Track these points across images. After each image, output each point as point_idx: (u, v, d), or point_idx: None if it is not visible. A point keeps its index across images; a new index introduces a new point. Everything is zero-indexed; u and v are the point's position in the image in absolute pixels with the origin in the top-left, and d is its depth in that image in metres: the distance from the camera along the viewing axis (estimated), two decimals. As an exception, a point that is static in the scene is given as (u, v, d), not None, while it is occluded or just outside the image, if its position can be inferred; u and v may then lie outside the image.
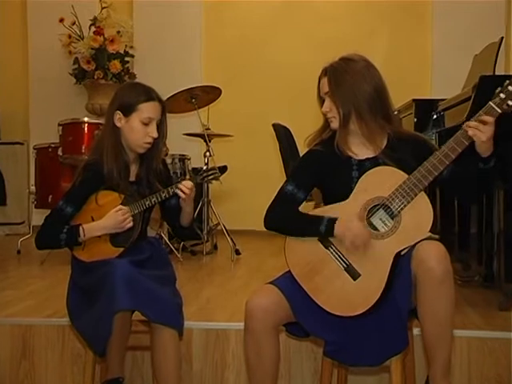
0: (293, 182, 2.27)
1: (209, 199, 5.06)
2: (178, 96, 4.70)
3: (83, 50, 5.88)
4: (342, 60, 2.25)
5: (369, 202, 2.15)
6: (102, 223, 2.46)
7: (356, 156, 2.26)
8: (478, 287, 3.55)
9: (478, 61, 4.15)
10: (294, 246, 2.22)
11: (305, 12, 6.36)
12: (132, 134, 2.48)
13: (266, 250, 5.06)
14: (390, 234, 2.12)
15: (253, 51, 6.41)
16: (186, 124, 5.37)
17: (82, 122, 4.67)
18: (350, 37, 6.06)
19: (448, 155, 2.08)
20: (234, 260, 4.73)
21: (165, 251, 2.76)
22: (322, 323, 2.15)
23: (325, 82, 2.24)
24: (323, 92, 2.25)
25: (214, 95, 5.00)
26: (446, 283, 2.01)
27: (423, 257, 2.01)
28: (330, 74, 2.23)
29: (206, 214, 5.04)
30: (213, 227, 5.12)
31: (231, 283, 3.88)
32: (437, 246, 2.04)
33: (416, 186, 2.09)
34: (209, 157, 4.97)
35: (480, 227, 3.79)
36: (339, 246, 2.15)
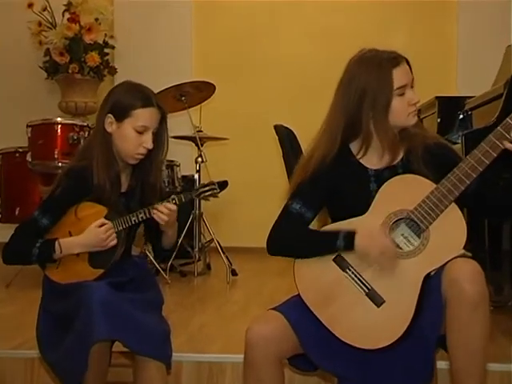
0: (300, 200, 2.25)
1: (201, 212, 5.04)
2: (166, 93, 4.68)
3: (56, 40, 5.86)
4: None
5: (391, 216, 2.13)
6: (81, 239, 2.43)
7: (373, 166, 2.24)
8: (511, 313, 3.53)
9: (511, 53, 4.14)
10: (305, 269, 2.19)
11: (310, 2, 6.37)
12: (123, 142, 2.46)
13: (268, 271, 5.03)
14: (416, 253, 2.10)
15: (250, 44, 6.43)
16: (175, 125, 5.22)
17: (55, 122, 4.65)
18: (362, 28, 6.08)
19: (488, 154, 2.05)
20: (229, 282, 4.71)
21: (150, 272, 2.75)
22: (335, 356, 2.14)
23: (408, 68, 2.22)
24: (411, 79, 2.21)
25: (206, 92, 5.00)
26: (481, 308, 2.00)
27: (455, 276, 2.00)
28: (409, 63, 2.23)
29: (198, 230, 5.02)
30: (205, 244, 5.10)
31: (227, 309, 3.86)
32: (471, 265, 2.02)
33: (446, 196, 2.07)
34: (201, 163, 4.96)
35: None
36: (359, 267, 2.13)
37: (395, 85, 2.15)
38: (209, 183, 2.55)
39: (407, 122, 2.21)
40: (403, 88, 2.17)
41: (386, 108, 2.16)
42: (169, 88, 4.72)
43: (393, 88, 2.15)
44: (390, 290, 2.09)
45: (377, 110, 2.16)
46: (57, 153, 4.55)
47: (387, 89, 2.15)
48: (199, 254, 5.02)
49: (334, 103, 2.25)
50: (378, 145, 2.22)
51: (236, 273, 4.89)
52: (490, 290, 3.70)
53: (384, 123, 2.18)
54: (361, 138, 2.24)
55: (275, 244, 2.25)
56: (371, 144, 2.23)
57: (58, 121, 4.67)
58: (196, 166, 5.00)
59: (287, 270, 2.22)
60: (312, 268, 2.18)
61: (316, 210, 2.27)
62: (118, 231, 2.45)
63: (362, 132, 2.21)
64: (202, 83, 4.92)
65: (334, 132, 2.23)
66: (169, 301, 3.47)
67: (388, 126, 2.18)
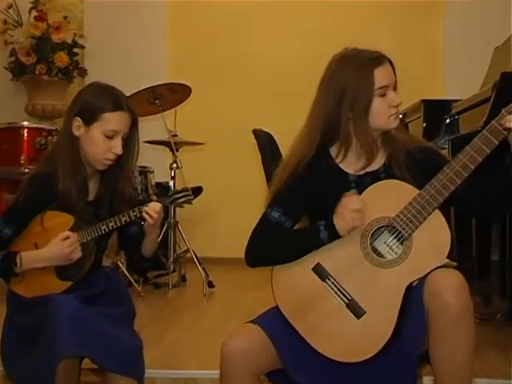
0: (279, 208, 2.24)
1: (176, 221, 5.04)
2: (139, 96, 4.68)
3: (22, 40, 5.84)
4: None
5: (372, 224, 2.14)
6: (44, 253, 2.41)
7: (353, 171, 2.25)
8: (501, 326, 3.56)
9: (500, 54, 4.19)
10: (283, 278, 2.19)
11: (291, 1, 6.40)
12: (91, 146, 2.45)
13: (246, 282, 5.03)
14: (399, 262, 2.10)
15: (228, 45, 6.45)
16: (149, 129, 5.29)
17: (21, 126, 4.64)
18: (345, 28, 6.10)
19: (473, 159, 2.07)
20: (206, 294, 4.71)
21: (122, 284, 2.74)
22: (315, 370, 2.13)
23: (391, 68, 2.23)
24: (393, 80, 2.23)
25: (182, 95, 5.00)
26: (466, 321, 2.00)
27: (438, 289, 1.99)
28: (393, 64, 2.24)
29: (173, 239, 5.02)
30: (181, 255, 5.10)
31: (203, 322, 3.86)
32: (454, 276, 2.02)
33: (429, 203, 2.08)
34: (176, 169, 4.96)
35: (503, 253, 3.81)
36: (339, 276, 2.13)
37: (376, 85, 2.16)
38: (182, 189, 2.55)
39: (388, 124, 2.22)
40: (384, 89, 2.18)
41: (366, 109, 2.17)
42: (142, 90, 4.72)
43: (373, 88, 2.16)
44: (371, 300, 2.10)
45: (356, 110, 2.17)
46: (23, 158, 4.54)
47: (367, 89, 2.16)
48: (174, 264, 5.01)
49: (314, 103, 2.26)
50: (357, 148, 2.23)
51: (213, 285, 4.89)
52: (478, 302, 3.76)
53: (363, 125, 2.18)
54: (340, 141, 2.24)
55: (254, 255, 2.24)
56: (350, 147, 2.23)
57: (25, 125, 4.67)
58: (171, 172, 5.00)
59: (266, 282, 2.22)
60: (291, 278, 2.18)
61: (296, 218, 2.27)
62: (86, 241, 2.44)
63: (341, 134, 2.22)
64: (177, 85, 4.92)
65: (313, 134, 2.24)
66: (142, 314, 3.46)
67: (367, 128, 2.19)
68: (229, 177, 6.30)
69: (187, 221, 5.63)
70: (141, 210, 2.42)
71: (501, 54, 4.17)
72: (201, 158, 6.15)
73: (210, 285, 4.85)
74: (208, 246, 5.87)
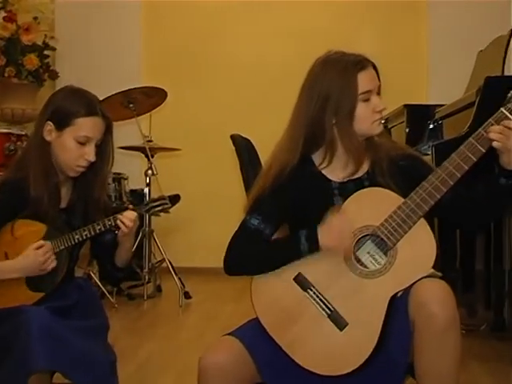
0: (258, 215, 2.24)
1: (151, 229, 5.03)
2: (112, 100, 4.68)
3: (-10, 41, 5.81)
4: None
5: (355, 233, 2.14)
6: (17, 264, 2.39)
7: (336, 178, 2.26)
8: (485, 337, 3.59)
9: (484, 58, 4.23)
10: (263, 289, 2.19)
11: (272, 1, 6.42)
12: (63, 152, 2.43)
13: (224, 293, 5.03)
14: (383, 273, 2.10)
15: (205, 47, 6.45)
16: (123, 135, 5.28)
17: (-11, 131, 4.60)
18: (327, 30, 6.13)
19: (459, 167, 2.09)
20: (182, 305, 4.70)
21: (95, 295, 2.73)
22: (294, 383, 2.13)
23: (374, 73, 2.24)
24: (376, 85, 2.23)
25: (157, 99, 5.00)
26: (451, 333, 2.00)
27: (423, 299, 2.00)
28: (377, 68, 2.25)
29: (148, 249, 5.01)
30: (156, 264, 5.09)
31: (179, 335, 3.85)
32: (440, 286, 2.03)
33: (414, 211, 2.09)
34: (151, 176, 4.95)
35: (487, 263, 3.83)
36: (321, 286, 2.14)
37: (360, 89, 2.17)
38: (159, 197, 2.54)
39: (372, 130, 2.23)
40: (368, 94, 2.19)
41: (350, 114, 2.18)
42: (116, 94, 4.71)
43: (357, 92, 2.17)
44: (354, 311, 2.10)
45: (340, 115, 2.18)
46: (-8, 164, 4.50)
47: (351, 93, 2.17)
48: (149, 275, 5.00)
49: (296, 108, 2.26)
50: (343, 154, 2.24)
51: (189, 296, 4.88)
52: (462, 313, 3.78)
53: (348, 130, 2.19)
54: (324, 147, 2.25)
55: (233, 263, 2.24)
56: (335, 153, 2.24)
57: (-7, 129, 4.63)
58: (146, 179, 4.99)
59: (246, 293, 2.22)
60: (271, 288, 2.18)
61: (276, 225, 2.27)
62: (59, 251, 2.43)
63: (326, 140, 2.22)
64: (152, 89, 4.92)
65: (295, 140, 2.23)
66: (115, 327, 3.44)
67: (352, 133, 2.20)
68: (206, 184, 6.29)
69: (163, 229, 5.62)
70: (116, 219, 2.41)
71: (485, 58, 4.21)
72: (177, 165, 6.15)
73: (186, 296, 4.84)
74: (184, 256, 5.86)
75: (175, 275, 4.86)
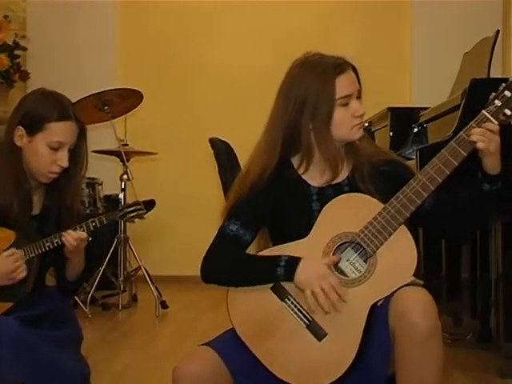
0: (236, 221, 2.25)
1: (126, 236, 5.02)
2: (86, 102, 4.67)
3: (-43, 41, 5.79)
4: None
5: (334, 240, 2.16)
6: None
7: (315, 183, 2.27)
8: (471, 347, 3.61)
9: (469, 60, 4.26)
10: (239, 298, 2.20)
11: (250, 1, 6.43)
12: (35, 158, 2.43)
13: (202, 303, 5.04)
14: (362, 281, 2.11)
15: (182, 48, 6.45)
16: (97, 138, 5.24)
17: (-43, 134, 4.58)
18: (307, 31, 6.15)
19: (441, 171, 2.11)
20: (159, 315, 4.70)
21: (68, 305, 2.73)
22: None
23: (354, 76, 2.24)
24: (356, 89, 2.24)
25: (132, 101, 5.00)
26: (433, 342, 2.01)
27: (404, 309, 2.01)
28: (357, 71, 2.26)
29: (123, 256, 5.00)
30: (131, 273, 5.08)
31: (155, 346, 3.85)
32: (421, 295, 2.04)
33: (395, 217, 2.10)
34: (126, 181, 4.95)
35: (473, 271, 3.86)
36: (299, 296, 2.14)
37: (338, 94, 2.18)
38: (134, 203, 2.55)
39: (351, 135, 2.23)
40: (347, 98, 2.19)
41: (328, 119, 2.18)
42: (89, 96, 4.70)
43: (335, 97, 2.18)
44: (333, 321, 2.10)
45: (317, 120, 2.18)
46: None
47: (329, 98, 2.17)
48: (124, 283, 4.99)
49: (274, 111, 2.27)
50: (320, 160, 2.25)
51: (166, 305, 4.88)
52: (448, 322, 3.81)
53: (325, 136, 2.20)
54: (301, 152, 2.26)
55: (210, 270, 2.25)
56: (313, 159, 2.25)
57: (-39, 133, 4.61)
58: (121, 184, 4.99)
59: (224, 302, 2.22)
60: (247, 298, 2.18)
61: (255, 231, 2.28)
62: (29, 258, 2.42)
63: (302, 144, 2.24)
64: (128, 91, 4.92)
65: (273, 143, 2.25)
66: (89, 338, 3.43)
67: (329, 139, 2.20)
68: (183, 189, 6.29)
69: (139, 236, 5.61)
70: (61, 236, 2.41)
71: (471, 60, 4.24)
72: (153, 169, 6.14)
73: (163, 305, 4.84)
74: (161, 264, 5.86)
75: (151, 284, 4.85)
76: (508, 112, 2.09)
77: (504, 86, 2.11)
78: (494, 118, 2.09)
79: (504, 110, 2.09)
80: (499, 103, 2.09)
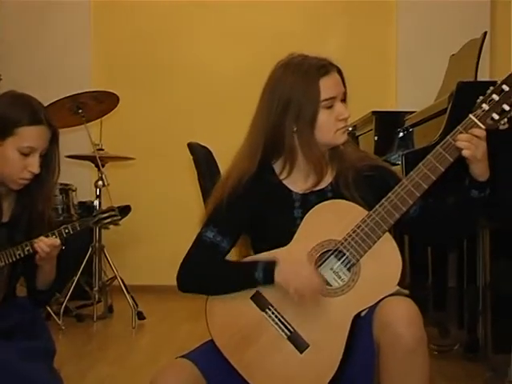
0: (214, 227, 2.25)
1: (102, 245, 5.00)
2: (59, 105, 4.66)
3: None
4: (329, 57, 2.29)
5: (317, 248, 2.16)
6: None
7: (298, 189, 2.28)
8: (458, 359, 3.62)
9: (456, 63, 4.28)
10: (218, 309, 2.20)
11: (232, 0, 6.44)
12: (5, 164, 2.41)
13: (180, 313, 5.03)
14: (346, 290, 2.12)
15: (160, 49, 6.44)
16: (71, 143, 5.24)
17: None
18: (290, 32, 6.16)
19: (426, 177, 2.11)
20: (135, 327, 4.69)
21: (39, 316, 2.70)
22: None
23: (339, 78, 2.25)
24: (340, 92, 2.25)
25: (108, 105, 4.99)
26: (418, 354, 2.02)
27: (389, 319, 2.01)
28: (342, 73, 2.27)
29: (98, 265, 4.98)
30: (107, 283, 5.06)
31: (132, 359, 3.84)
32: (406, 305, 2.04)
33: (379, 225, 2.11)
34: (102, 187, 4.93)
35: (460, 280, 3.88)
36: (280, 306, 2.14)
37: (322, 96, 2.19)
38: (108, 208, 2.54)
39: (335, 139, 2.24)
40: (331, 100, 2.20)
41: (312, 122, 2.19)
42: (63, 99, 4.69)
43: (319, 99, 2.19)
44: (315, 332, 2.11)
45: (301, 123, 2.19)
46: None
47: (313, 99, 2.18)
48: (99, 294, 4.97)
49: (257, 114, 2.28)
50: (304, 164, 2.25)
51: (143, 316, 4.87)
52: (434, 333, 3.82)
53: (309, 139, 2.20)
54: (284, 156, 2.27)
55: (186, 278, 2.25)
56: (296, 163, 2.25)
57: None
58: (96, 190, 4.97)
59: (203, 312, 2.22)
60: (227, 308, 2.18)
61: (233, 238, 2.28)
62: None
63: (285, 148, 2.24)
64: (103, 93, 4.91)
65: (254, 147, 2.25)
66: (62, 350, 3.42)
67: (313, 143, 2.21)
68: (161, 195, 6.28)
69: (114, 245, 5.59)
70: (32, 243, 2.40)
71: (457, 62, 4.26)
72: (130, 175, 6.12)
73: (139, 316, 4.82)
74: (138, 273, 5.84)
75: (128, 294, 4.84)
76: (496, 116, 2.10)
77: (492, 89, 2.12)
78: (482, 122, 2.10)
79: (492, 115, 2.10)
80: (487, 107, 2.10)
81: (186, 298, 2.32)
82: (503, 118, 2.10)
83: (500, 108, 2.10)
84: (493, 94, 2.11)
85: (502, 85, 2.11)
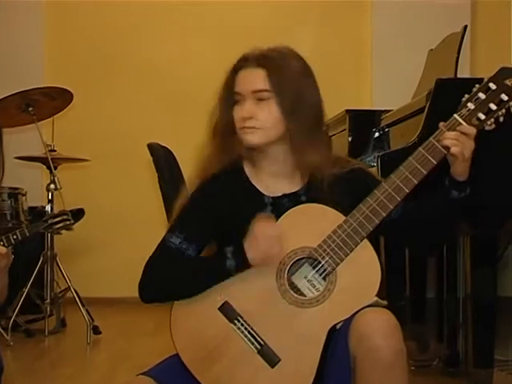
0: (180, 233, 2.24)
1: (54, 253, 4.96)
2: (7, 102, 4.63)
3: None
4: (277, 52, 2.28)
5: (290, 255, 2.16)
6: None
7: (269, 192, 2.28)
8: (438, 374, 3.65)
9: (435, 58, 4.31)
10: (184, 320, 2.19)
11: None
12: None
13: (140, 327, 5.02)
14: (320, 301, 2.12)
15: (118, 44, 6.44)
16: (20, 143, 5.28)
17: None
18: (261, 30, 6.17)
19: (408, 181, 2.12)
20: (90, 342, 4.66)
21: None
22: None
23: (257, 75, 2.24)
24: (249, 89, 2.24)
25: (61, 102, 4.96)
26: (397, 368, 2.03)
27: (366, 331, 2.02)
28: (270, 66, 2.24)
29: (50, 276, 4.94)
30: (59, 295, 5.03)
31: (87, 376, 3.82)
32: (384, 317, 2.05)
33: (357, 231, 2.11)
34: (54, 191, 4.89)
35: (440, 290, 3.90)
36: (250, 317, 2.14)
37: (235, 89, 2.25)
38: (60, 212, 2.53)
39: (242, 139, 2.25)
40: (239, 96, 2.24)
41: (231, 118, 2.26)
42: (11, 96, 4.66)
43: (233, 92, 2.25)
44: (288, 345, 2.11)
45: None
46: None
47: (229, 93, 2.26)
48: (51, 307, 4.94)
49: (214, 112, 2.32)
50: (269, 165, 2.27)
51: (99, 331, 4.85)
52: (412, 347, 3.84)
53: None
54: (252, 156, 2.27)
55: (149, 289, 2.23)
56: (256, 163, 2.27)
57: None
58: (48, 194, 4.93)
59: (164, 325, 2.21)
60: (193, 320, 2.18)
61: (200, 244, 2.27)
62: None
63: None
64: (55, 90, 4.88)
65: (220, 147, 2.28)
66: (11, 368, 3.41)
67: (236, 141, 2.25)
68: (119, 200, 6.26)
69: (68, 253, 5.56)
70: None
71: (436, 58, 4.29)
72: (84, 178, 6.10)
73: (95, 331, 4.80)
74: (93, 284, 5.82)
75: (82, 307, 4.81)
76: (482, 116, 2.11)
77: (478, 87, 2.13)
78: (467, 122, 2.11)
79: (478, 114, 2.11)
80: (472, 106, 2.11)
81: (146, 311, 2.31)
82: (490, 118, 2.12)
83: (486, 107, 2.11)
84: (479, 93, 2.12)
85: (489, 83, 2.12)
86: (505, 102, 2.11)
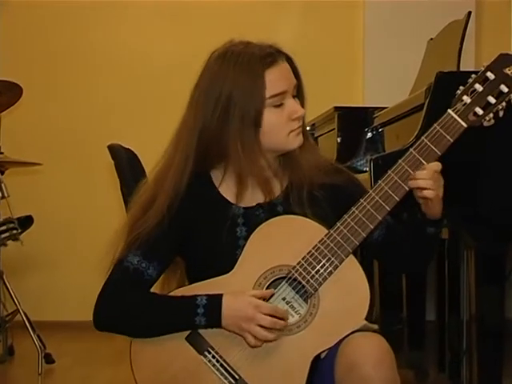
0: (138, 251, 2.23)
1: (0, 271, 4.95)
2: None
3: None
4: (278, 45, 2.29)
5: (266, 275, 2.16)
6: None
7: (241, 202, 2.28)
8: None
9: (435, 49, 4.33)
10: (146, 351, 2.18)
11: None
12: None
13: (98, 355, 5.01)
14: (302, 327, 2.12)
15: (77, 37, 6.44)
16: (-39, 144, 5.26)
17: None
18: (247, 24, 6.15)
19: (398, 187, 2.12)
20: (42, 373, 4.65)
21: None
22: None
23: (289, 69, 2.25)
24: (292, 84, 2.24)
25: (9, 97, 4.96)
26: (389, 401, 2.05)
27: (354, 359, 2.03)
28: (293, 62, 2.27)
29: (-5, 296, 4.93)
30: (6, 318, 5.02)
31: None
32: (375, 342, 2.06)
33: (341, 246, 2.11)
34: (1, 198, 4.88)
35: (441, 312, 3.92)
36: (222, 348, 2.14)
37: (268, 92, 2.17)
38: (5, 220, 2.52)
39: (288, 144, 2.24)
40: (280, 96, 2.19)
41: (256, 124, 2.18)
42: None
43: (265, 96, 2.17)
44: (265, 379, 2.11)
45: (243, 126, 2.18)
46: None
47: (257, 97, 2.17)
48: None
49: (187, 114, 2.27)
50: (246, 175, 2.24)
51: (52, 359, 4.84)
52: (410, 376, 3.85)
53: (252, 146, 2.20)
54: (223, 164, 2.27)
55: (103, 315, 2.23)
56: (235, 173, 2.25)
57: None
58: (-7, 202, 4.92)
59: (125, 354, 2.22)
60: (156, 350, 2.17)
61: (163, 264, 2.27)
62: None
63: (224, 156, 2.24)
64: (2, 83, 4.87)
65: (186, 154, 2.25)
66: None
67: (257, 150, 2.20)
68: (75, 209, 6.25)
69: (16, 270, 5.55)
70: None
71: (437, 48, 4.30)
72: (36, 184, 6.09)
73: (47, 359, 4.79)
74: (45, 306, 5.81)
75: (33, 332, 4.80)
76: (479, 111, 2.11)
77: (474, 78, 2.13)
78: (463, 119, 2.10)
79: (475, 109, 2.11)
80: (468, 100, 2.11)
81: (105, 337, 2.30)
82: (488, 112, 2.11)
83: (484, 101, 2.11)
84: (475, 84, 2.11)
85: (486, 72, 2.11)
86: (505, 95, 2.11)
